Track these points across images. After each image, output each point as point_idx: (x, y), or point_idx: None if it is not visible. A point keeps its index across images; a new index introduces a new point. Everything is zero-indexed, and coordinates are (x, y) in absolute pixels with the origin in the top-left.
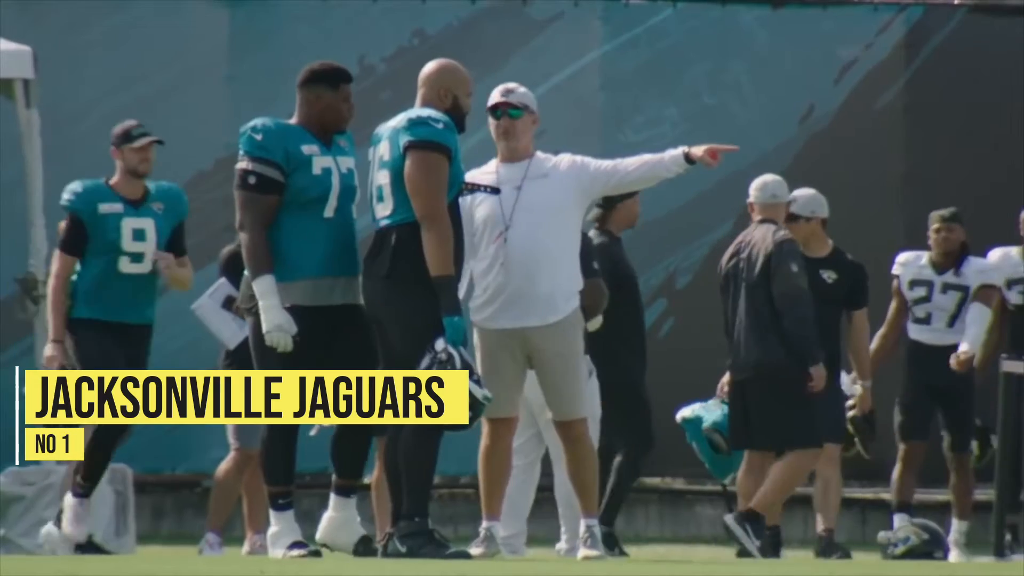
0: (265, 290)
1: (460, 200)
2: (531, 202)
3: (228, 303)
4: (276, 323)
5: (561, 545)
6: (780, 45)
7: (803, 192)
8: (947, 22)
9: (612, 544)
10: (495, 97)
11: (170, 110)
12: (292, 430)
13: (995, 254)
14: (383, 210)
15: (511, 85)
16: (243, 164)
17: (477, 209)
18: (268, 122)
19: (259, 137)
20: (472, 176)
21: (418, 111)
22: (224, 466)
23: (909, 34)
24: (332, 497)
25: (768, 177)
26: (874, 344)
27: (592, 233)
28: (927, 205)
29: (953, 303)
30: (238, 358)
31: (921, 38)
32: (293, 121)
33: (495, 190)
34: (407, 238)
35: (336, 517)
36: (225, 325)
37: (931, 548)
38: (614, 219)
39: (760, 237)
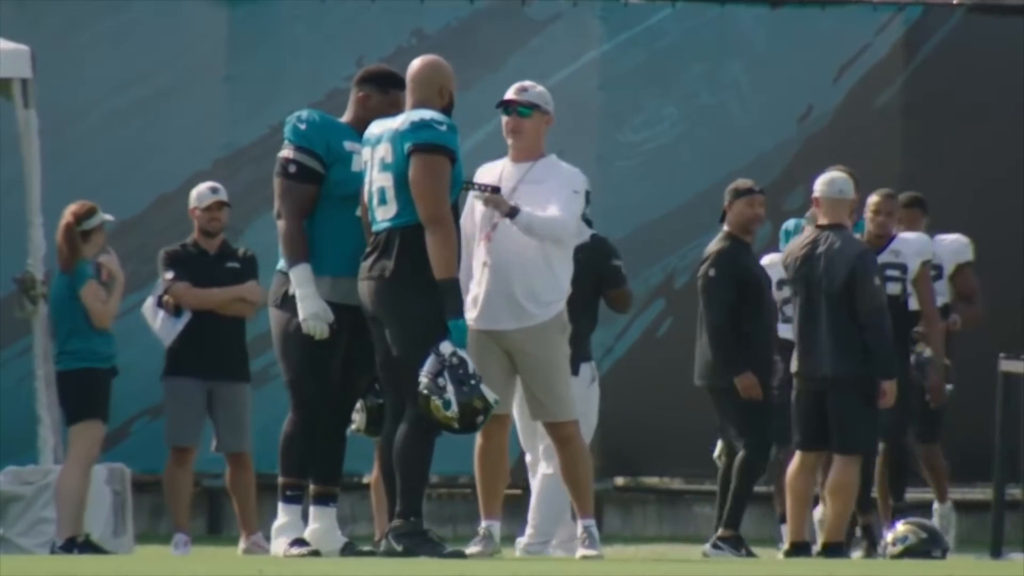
0: (301, 279)
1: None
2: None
3: (160, 301)
4: (312, 311)
5: (523, 540)
6: (779, 45)
7: None
8: (946, 22)
9: (739, 545)
10: (508, 94)
11: (169, 110)
12: (313, 425)
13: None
14: (385, 212)
15: (527, 83)
16: (285, 152)
17: (476, 206)
18: (314, 114)
19: (303, 127)
20: (482, 170)
21: (420, 113)
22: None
23: (908, 34)
24: (312, 508)
25: (835, 173)
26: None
27: (718, 237)
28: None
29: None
30: (174, 359)
31: (920, 38)
32: (344, 118)
33: (495, 189)
34: (411, 240)
35: (317, 528)
36: (160, 324)
37: (929, 547)
38: (728, 220)
39: (840, 247)
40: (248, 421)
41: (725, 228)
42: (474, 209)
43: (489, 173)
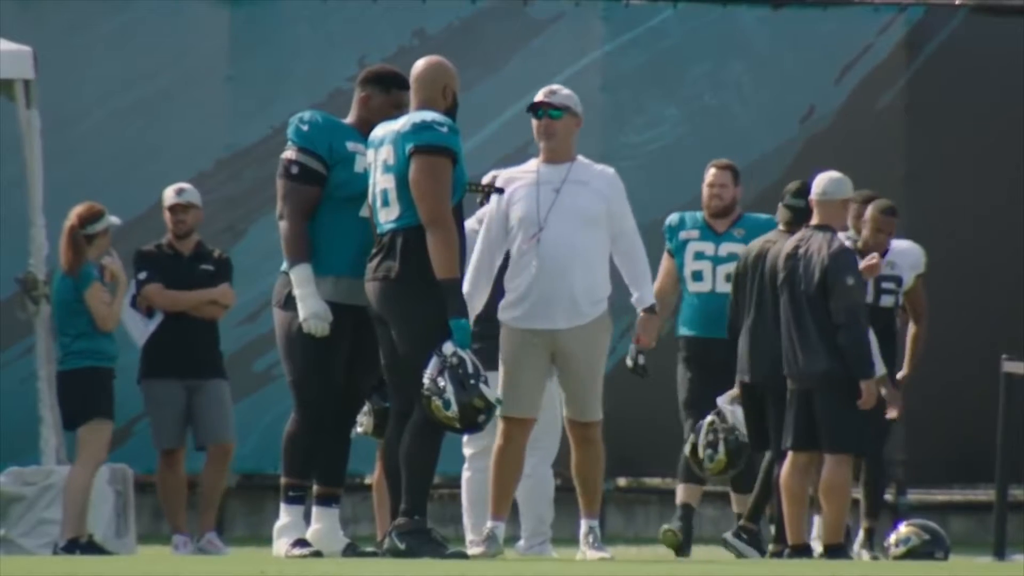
0: (301, 278)
1: (493, 199)
2: (568, 206)
3: (133, 301)
4: (313, 311)
5: (520, 544)
6: (780, 45)
7: None
8: (948, 22)
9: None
10: (538, 97)
11: (170, 111)
12: (316, 425)
13: None
14: (388, 214)
15: (555, 87)
16: (288, 154)
17: (512, 208)
18: (316, 115)
19: (305, 128)
20: (510, 173)
21: (421, 115)
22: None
23: (910, 34)
24: (314, 508)
25: (825, 174)
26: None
27: (784, 239)
28: (928, 205)
29: None
30: (150, 362)
31: (922, 38)
32: (348, 119)
33: (499, 191)
34: (413, 241)
35: (319, 528)
36: (133, 324)
37: (931, 548)
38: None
39: (817, 247)
40: (232, 414)
41: (789, 231)
42: (508, 210)
43: (524, 176)
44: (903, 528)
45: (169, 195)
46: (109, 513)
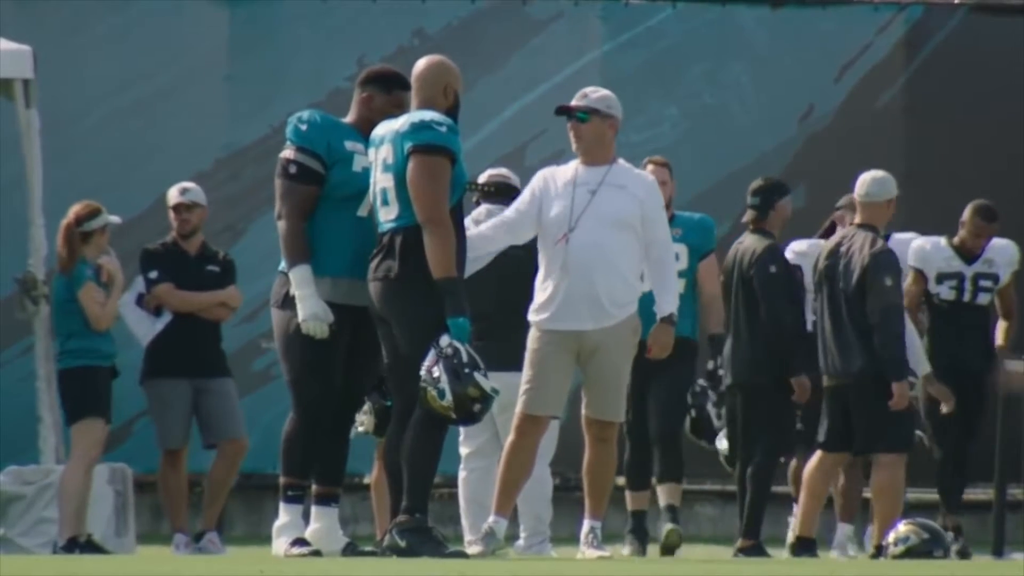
0: (301, 279)
1: (535, 199)
2: (602, 209)
3: (139, 299)
4: (312, 311)
5: (519, 543)
6: (780, 45)
7: None
8: (947, 21)
9: (760, 554)
10: (572, 100)
11: (169, 110)
12: (315, 425)
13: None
14: (388, 213)
15: (589, 89)
16: (286, 153)
17: (550, 207)
18: (315, 114)
19: (304, 128)
20: (550, 172)
21: (420, 114)
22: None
23: (909, 33)
24: (313, 508)
25: (870, 174)
26: None
27: (749, 237)
28: (927, 204)
29: None
30: (155, 362)
31: (921, 37)
32: (347, 119)
33: (499, 188)
34: (412, 241)
35: (319, 528)
36: (139, 323)
37: (931, 548)
38: (771, 220)
39: (859, 246)
40: (240, 411)
41: (757, 227)
42: (546, 209)
43: (562, 175)
44: (902, 527)
45: (173, 194)
46: (108, 512)
